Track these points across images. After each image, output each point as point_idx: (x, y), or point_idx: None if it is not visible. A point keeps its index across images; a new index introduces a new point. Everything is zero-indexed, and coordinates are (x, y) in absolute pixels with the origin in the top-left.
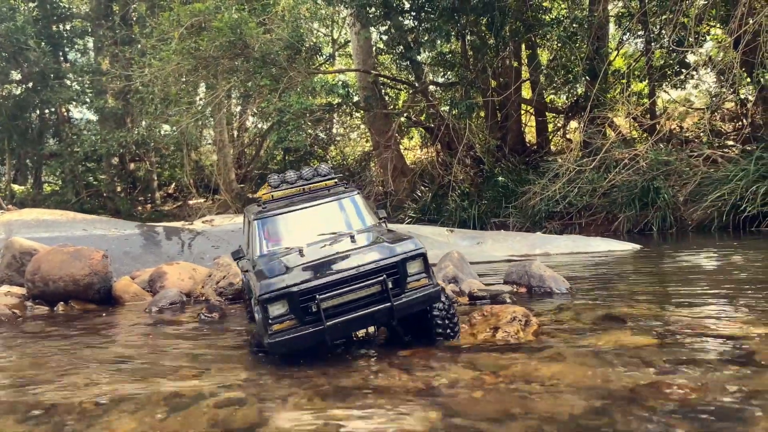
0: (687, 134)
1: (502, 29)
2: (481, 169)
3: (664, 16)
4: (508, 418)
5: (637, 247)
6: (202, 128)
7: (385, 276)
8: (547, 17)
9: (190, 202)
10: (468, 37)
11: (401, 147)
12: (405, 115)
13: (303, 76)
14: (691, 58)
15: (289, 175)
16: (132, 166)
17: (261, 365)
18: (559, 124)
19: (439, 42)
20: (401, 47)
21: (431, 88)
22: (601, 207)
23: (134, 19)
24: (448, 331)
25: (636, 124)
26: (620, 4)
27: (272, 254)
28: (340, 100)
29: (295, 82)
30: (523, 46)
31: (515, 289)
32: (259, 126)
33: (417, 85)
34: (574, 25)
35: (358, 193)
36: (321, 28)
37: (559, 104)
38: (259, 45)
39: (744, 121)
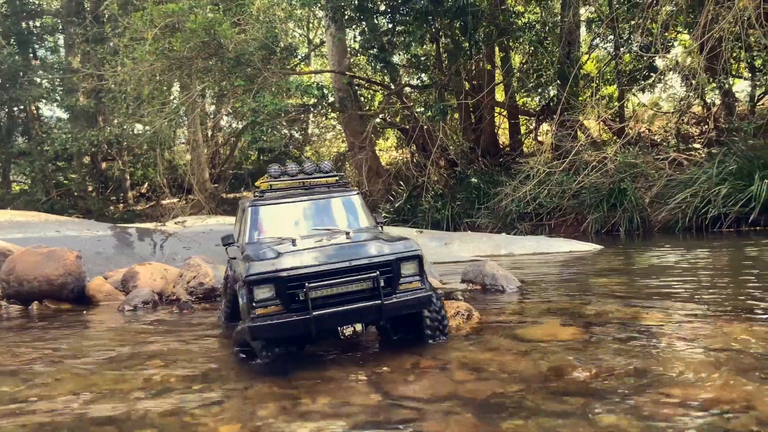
0: (655, 137)
1: (475, 33)
2: (455, 170)
3: (633, 22)
4: (437, 399)
5: (599, 247)
6: (175, 128)
7: (378, 273)
8: (519, 21)
9: (163, 202)
10: (442, 41)
11: (376, 148)
12: (380, 116)
13: (278, 76)
14: (660, 62)
15: (290, 167)
16: (104, 165)
17: (230, 362)
18: (531, 127)
19: (413, 45)
20: (376, 49)
21: (406, 90)
22: (571, 208)
23: (106, 17)
24: (437, 332)
25: (606, 127)
26: (591, 9)
27: (263, 242)
28: (315, 101)
29: (270, 82)
30: (497, 50)
31: (470, 287)
32: (234, 125)
33: (392, 86)
34: (545, 30)
35: (358, 194)
36: (296, 29)
37: (532, 107)
38: (233, 45)
39: (709, 125)
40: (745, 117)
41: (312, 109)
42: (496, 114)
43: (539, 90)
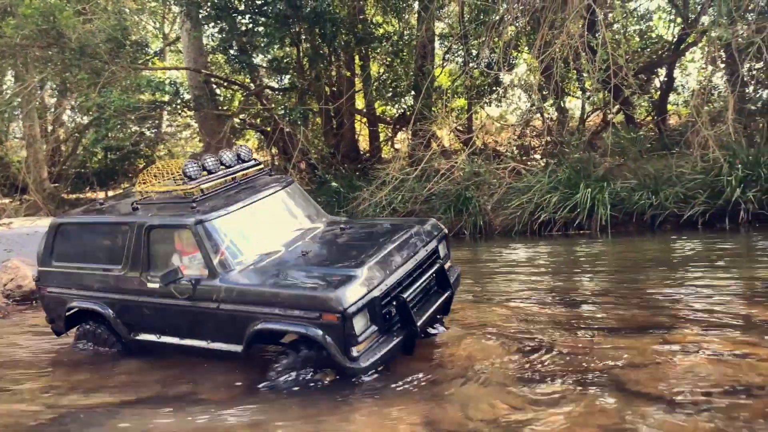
0: (500, 148)
1: (334, 40)
2: (316, 174)
3: (481, 39)
4: None
5: None
6: (9, 121)
7: (440, 260)
8: (377, 32)
9: None
10: (303, 45)
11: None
12: (239, 117)
13: (127, 71)
14: (505, 78)
15: (208, 162)
16: None
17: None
18: (390, 134)
19: (273, 47)
20: (235, 48)
21: (267, 91)
22: (422, 213)
23: None
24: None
25: (456, 138)
26: (443, 24)
27: (267, 262)
28: (168, 98)
29: (118, 77)
30: (357, 58)
31: None
32: (78, 121)
33: (252, 87)
34: (402, 42)
35: (294, 181)
36: (149, 22)
37: (390, 116)
38: (76, 35)
39: (547, 138)
40: (575, 132)
41: (165, 107)
42: (356, 120)
43: (396, 99)
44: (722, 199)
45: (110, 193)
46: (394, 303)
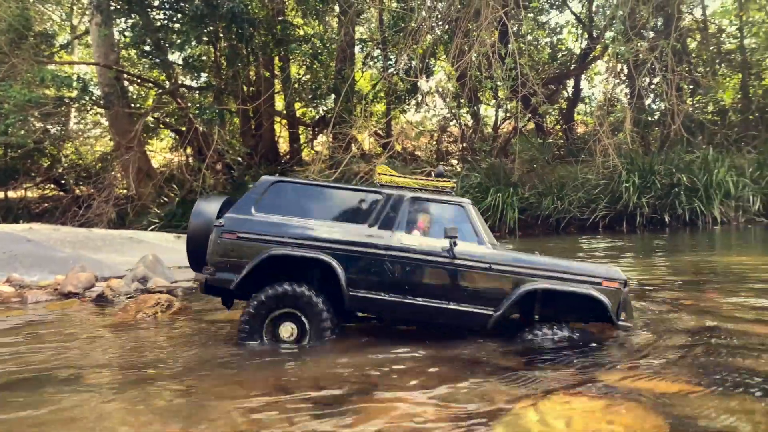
0: (419, 153)
1: (252, 40)
2: (232, 175)
3: (401, 45)
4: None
5: None
6: None
7: None
8: (296, 33)
9: None
10: (220, 44)
11: (148, 149)
12: (152, 115)
13: (29, 64)
14: (424, 85)
15: (441, 170)
16: None
17: None
18: (310, 137)
19: (189, 44)
20: (149, 45)
21: (182, 90)
22: None
23: None
24: None
25: (376, 142)
26: (363, 29)
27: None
28: (76, 94)
29: (19, 70)
30: (276, 59)
31: (200, 284)
32: None
33: (166, 85)
34: (322, 45)
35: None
36: (56, 13)
37: (310, 118)
38: None
39: (462, 144)
40: (487, 139)
41: (72, 103)
42: (276, 122)
43: (315, 102)
44: (621, 204)
45: (10, 194)
46: None
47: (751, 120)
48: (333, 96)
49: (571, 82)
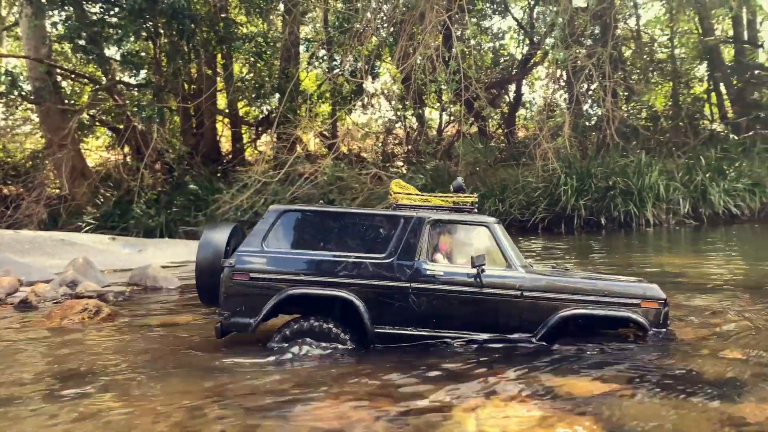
0: (365, 154)
1: (193, 37)
2: (172, 175)
3: (346, 46)
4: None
5: None
6: None
7: None
8: (239, 31)
9: None
10: (160, 40)
11: (83, 147)
12: (87, 112)
13: None
14: (370, 86)
15: (460, 183)
16: None
17: None
18: (253, 136)
19: (127, 40)
20: (84, 39)
21: (120, 86)
22: None
23: None
24: None
25: (321, 142)
26: (308, 29)
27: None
28: (3, 89)
29: None
30: (219, 57)
31: (133, 288)
32: None
33: (103, 82)
34: (266, 43)
35: None
36: None
37: (253, 117)
38: None
39: (407, 146)
40: (432, 141)
41: (0, 98)
42: (218, 121)
43: (259, 101)
44: (559, 206)
45: None
46: None
47: (681, 127)
48: (277, 95)
49: (512, 87)
